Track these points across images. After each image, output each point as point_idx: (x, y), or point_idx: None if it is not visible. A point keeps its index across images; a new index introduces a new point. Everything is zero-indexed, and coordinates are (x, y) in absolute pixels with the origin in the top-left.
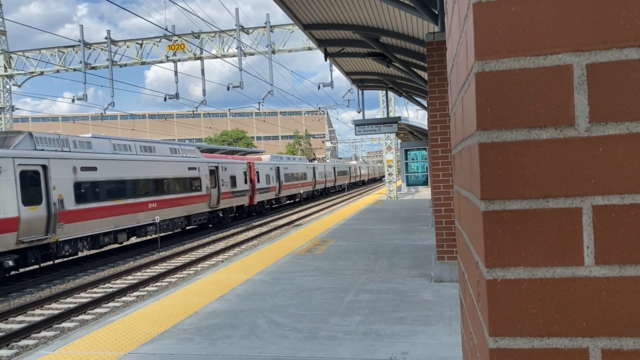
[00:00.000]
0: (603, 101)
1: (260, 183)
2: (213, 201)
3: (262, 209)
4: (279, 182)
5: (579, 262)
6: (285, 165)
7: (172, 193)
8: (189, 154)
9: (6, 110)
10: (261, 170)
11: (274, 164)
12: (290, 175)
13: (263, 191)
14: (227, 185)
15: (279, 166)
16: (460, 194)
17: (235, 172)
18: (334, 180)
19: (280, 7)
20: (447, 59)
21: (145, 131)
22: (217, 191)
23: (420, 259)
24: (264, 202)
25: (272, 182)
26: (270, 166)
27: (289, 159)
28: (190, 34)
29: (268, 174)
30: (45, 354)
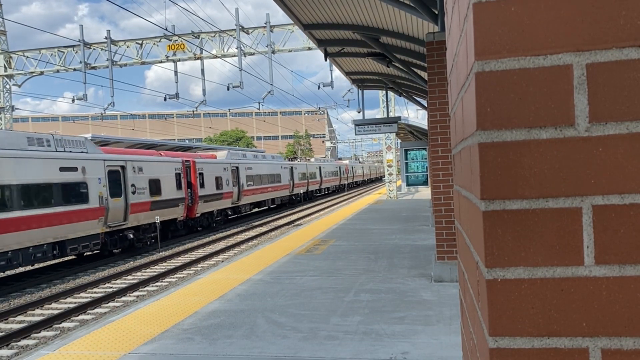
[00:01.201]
0: (603, 101)
1: (205, 188)
2: (114, 217)
3: (211, 221)
4: (238, 187)
5: (579, 262)
6: (249, 164)
7: (24, 208)
8: (70, 147)
9: (6, 110)
10: (208, 171)
11: (231, 162)
12: (256, 178)
13: (211, 198)
14: (142, 192)
15: (238, 165)
16: (460, 194)
17: (158, 174)
18: (319, 182)
19: (280, 7)
20: (447, 59)
21: (145, 131)
22: (124, 202)
23: (420, 258)
24: (214, 212)
25: (226, 187)
26: (224, 166)
27: (255, 156)
28: (190, 34)
29: (220, 176)
30: (45, 354)
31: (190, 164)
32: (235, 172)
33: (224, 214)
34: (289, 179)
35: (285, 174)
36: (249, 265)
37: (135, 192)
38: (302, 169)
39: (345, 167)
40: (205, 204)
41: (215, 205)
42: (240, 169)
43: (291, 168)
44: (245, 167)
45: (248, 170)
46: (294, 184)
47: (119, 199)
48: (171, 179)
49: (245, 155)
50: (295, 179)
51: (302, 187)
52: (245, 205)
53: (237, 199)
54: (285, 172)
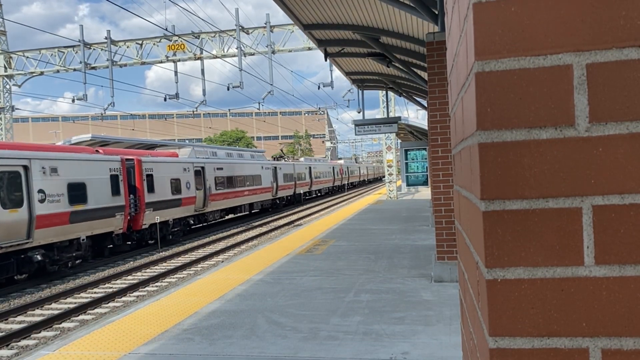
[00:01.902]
0: (603, 101)
1: (156, 193)
2: (8, 233)
3: (166, 233)
4: (204, 191)
5: (579, 262)
6: (219, 164)
7: None
8: None
9: (6, 110)
10: (160, 173)
11: (195, 162)
12: (229, 180)
13: (165, 205)
14: (57, 200)
15: (204, 165)
16: (460, 194)
17: (82, 176)
18: (308, 184)
19: (280, 7)
20: (447, 59)
21: (145, 131)
22: (26, 213)
23: (420, 259)
24: (169, 222)
25: (186, 191)
26: (184, 166)
27: (230, 155)
28: (190, 34)
29: (177, 179)
30: (45, 354)
31: (135, 163)
32: (201, 173)
33: (184, 223)
34: (272, 181)
35: (267, 175)
36: (249, 265)
37: (45, 200)
38: (288, 170)
39: (339, 168)
40: (156, 213)
41: (171, 213)
42: (207, 170)
43: (274, 168)
44: (213, 167)
45: (218, 171)
46: (277, 186)
47: (16, 210)
48: (104, 182)
49: (216, 154)
50: (279, 181)
51: (288, 189)
52: (213, 212)
53: (203, 205)
54: (266, 172)
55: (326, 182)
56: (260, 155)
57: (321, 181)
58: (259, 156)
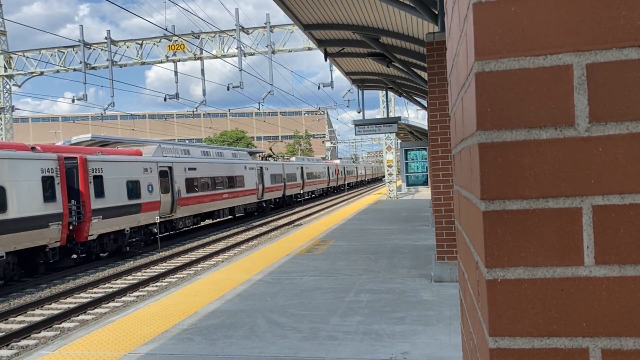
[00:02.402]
0: (603, 101)
1: (107, 198)
2: None
3: (121, 244)
4: (172, 194)
5: (579, 262)
6: (190, 163)
7: None
8: None
9: (6, 110)
10: (113, 174)
11: (160, 161)
12: (203, 181)
13: (119, 212)
14: None
15: (171, 165)
16: (460, 194)
17: None
18: (300, 185)
19: (280, 7)
20: (447, 59)
21: (145, 131)
22: None
23: (420, 259)
24: (125, 232)
25: (148, 195)
26: (145, 165)
27: (206, 154)
28: (190, 34)
29: (136, 180)
30: (45, 354)
31: (78, 162)
32: (168, 174)
33: (146, 232)
34: (257, 182)
35: (251, 176)
36: (249, 265)
37: None
38: (276, 170)
39: (335, 168)
40: (107, 221)
41: (128, 221)
42: (176, 170)
43: (260, 169)
44: (184, 167)
45: (189, 172)
46: (264, 188)
47: None
48: (32, 186)
49: (188, 152)
50: (265, 182)
51: (276, 191)
52: (184, 218)
53: (171, 210)
54: (250, 173)
55: (320, 183)
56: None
57: (315, 182)
58: (243, 155)
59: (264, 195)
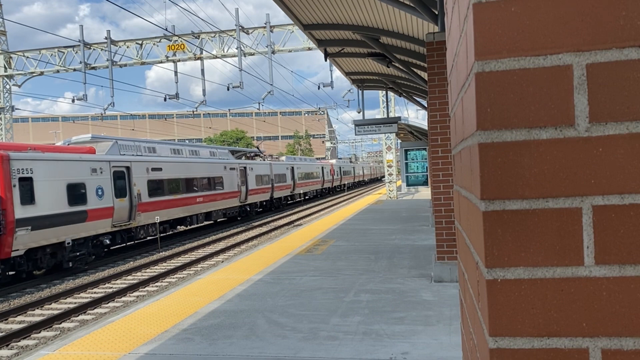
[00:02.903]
0: (603, 101)
1: (39, 205)
2: None
3: (64, 258)
4: (130, 198)
5: (579, 262)
6: (154, 163)
7: None
8: None
9: (6, 110)
10: (48, 176)
11: (113, 160)
12: (172, 184)
13: (58, 221)
14: None
15: (129, 165)
16: (460, 194)
17: None
18: (290, 187)
19: (280, 7)
20: (447, 59)
21: (145, 131)
22: None
23: (420, 259)
24: (65, 245)
25: (97, 201)
26: (93, 165)
27: (176, 152)
28: (190, 34)
29: (81, 183)
30: (45, 354)
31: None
32: (125, 175)
33: (95, 244)
34: (239, 184)
35: (232, 177)
36: (249, 265)
37: None
38: (262, 170)
39: (330, 168)
40: (40, 233)
41: (69, 232)
42: (136, 171)
43: (243, 169)
44: (145, 167)
45: (153, 173)
46: (247, 190)
47: None
48: None
49: (154, 150)
50: (250, 184)
51: (263, 193)
52: (146, 226)
53: (129, 217)
54: (231, 174)
55: (313, 184)
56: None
57: (307, 183)
58: (223, 154)
59: (247, 198)
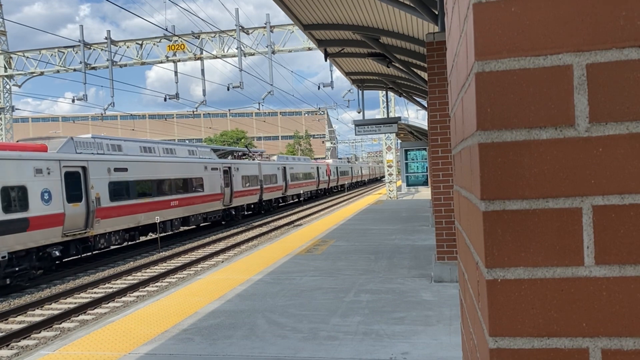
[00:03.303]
0: (603, 101)
1: None
2: None
3: None
4: (86, 203)
5: (579, 262)
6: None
7: None
8: None
9: (6, 110)
10: None
11: (64, 159)
12: (140, 186)
13: None
14: None
15: (85, 165)
16: (460, 194)
17: None
18: (282, 188)
19: (280, 7)
20: (447, 59)
21: (145, 131)
22: None
23: (420, 259)
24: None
25: (42, 206)
26: (38, 165)
27: (146, 150)
28: (190, 34)
29: (21, 186)
30: (45, 354)
31: None
32: (80, 176)
33: (42, 256)
34: (223, 186)
35: (215, 178)
36: (249, 265)
37: None
38: (250, 170)
39: (326, 168)
40: None
41: (6, 243)
42: (94, 171)
43: (228, 169)
44: (107, 167)
45: (117, 174)
46: (232, 192)
47: None
48: None
49: (120, 148)
50: (235, 185)
51: (250, 195)
52: (107, 234)
53: (86, 224)
54: (213, 175)
55: (308, 185)
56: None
57: (301, 184)
58: (204, 153)
59: (232, 200)
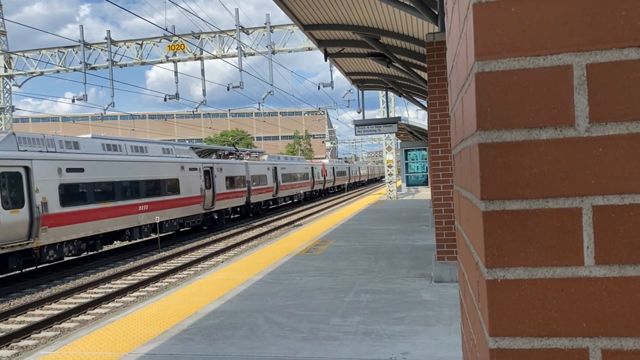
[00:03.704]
0: (603, 101)
1: None
2: None
3: None
4: (30, 211)
5: (579, 262)
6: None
7: None
8: None
9: (6, 110)
10: None
11: None
12: (98, 190)
13: None
14: None
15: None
16: (460, 194)
17: None
18: (273, 189)
19: (280, 7)
20: (447, 59)
21: (145, 131)
22: None
23: (420, 259)
24: None
25: None
26: None
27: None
28: (190, 34)
29: None
30: (45, 354)
31: None
32: (21, 177)
33: None
34: (203, 188)
35: (191, 180)
36: (249, 265)
37: None
38: (235, 171)
39: (321, 168)
40: None
41: None
42: (39, 172)
43: (209, 169)
44: (56, 167)
45: (70, 175)
46: (214, 194)
47: None
48: None
49: (77, 145)
50: (218, 187)
51: (236, 198)
52: (59, 245)
53: (29, 234)
54: (191, 176)
55: (301, 187)
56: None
57: (294, 185)
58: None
59: (214, 203)
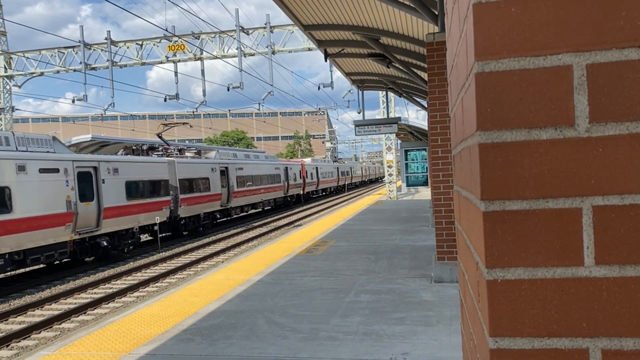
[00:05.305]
0: (603, 101)
1: None
2: None
3: None
4: None
5: (579, 262)
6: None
7: None
8: None
9: (6, 111)
10: None
11: None
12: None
13: None
14: None
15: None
16: (460, 194)
17: None
18: (221, 197)
19: (281, 7)
20: (447, 60)
21: (146, 132)
22: None
23: (420, 259)
24: None
25: None
26: None
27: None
28: (191, 35)
29: None
30: (45, 355)
31: None
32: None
33: None
34: (74, 202)
35: (46, 189)
36: (249, 265)
37: None
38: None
39: (300, 168)
40: None
41: None
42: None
43: (93, 170)
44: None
45: None
46: (100, 210)
47: None
48: None
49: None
50: (106, 199)
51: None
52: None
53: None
54: (41, 183)
55: (268, 192)
56: (47, 140)
57: (257, 191)
58: (57, 147)
59: (100, 224)
